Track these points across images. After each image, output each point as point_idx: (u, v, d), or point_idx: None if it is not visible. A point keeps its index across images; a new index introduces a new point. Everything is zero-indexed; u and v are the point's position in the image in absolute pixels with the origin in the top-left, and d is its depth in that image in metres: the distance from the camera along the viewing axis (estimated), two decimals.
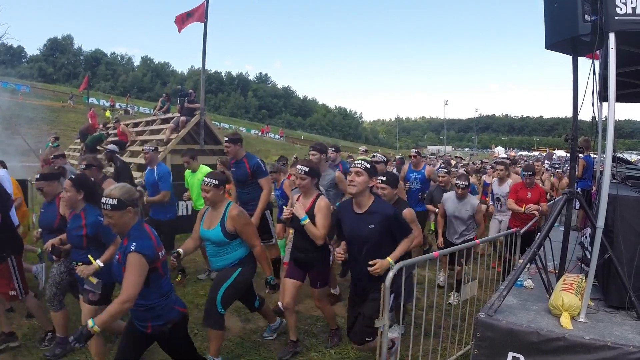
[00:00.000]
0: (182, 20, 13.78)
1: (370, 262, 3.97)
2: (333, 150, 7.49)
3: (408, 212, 4.97)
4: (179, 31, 14.02)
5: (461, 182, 6.53)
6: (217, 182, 4.48)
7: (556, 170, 11.04)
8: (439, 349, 4.65)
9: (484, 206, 8.16)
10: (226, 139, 6.60)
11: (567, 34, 3.71)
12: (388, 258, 3.97)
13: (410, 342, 4.33)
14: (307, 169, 4.73)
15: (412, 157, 8.90)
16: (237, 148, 6.55)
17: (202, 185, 4.51)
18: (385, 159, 7.82)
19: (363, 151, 12.66)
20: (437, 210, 7.39)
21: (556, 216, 4.36)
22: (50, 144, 16.11)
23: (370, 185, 4.13)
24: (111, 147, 9.28)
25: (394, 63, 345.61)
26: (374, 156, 7.96)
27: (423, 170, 8.63)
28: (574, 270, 4.54)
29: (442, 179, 7.75)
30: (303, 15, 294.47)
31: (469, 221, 6.63)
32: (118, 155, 9.20)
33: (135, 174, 11.51)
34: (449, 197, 6.80)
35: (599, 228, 3.62)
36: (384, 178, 4.88)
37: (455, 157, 15.60)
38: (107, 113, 24.26)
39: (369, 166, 4.12)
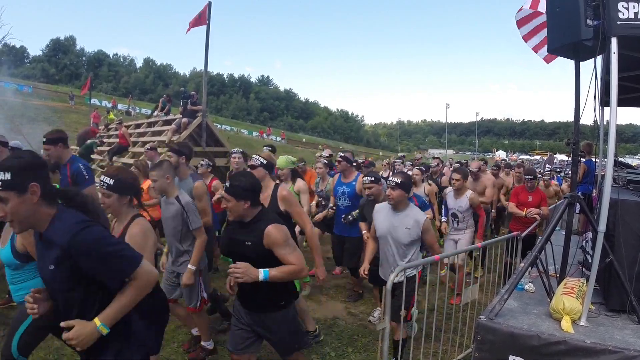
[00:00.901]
0: (195, 23, 13.92)
1: None
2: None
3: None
4: (187, 32, 14.15)
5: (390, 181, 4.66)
6: None
7: (542, 176, 10.67)
8: (439, 352, 4.66)
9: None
10: (44, 139, 5.32)
11: (569, 38, 3.71)
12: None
13: (411, 345, 4.33)
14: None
15: (338, 163, 6.90)
16: (58, 150, 5.32)
17: None
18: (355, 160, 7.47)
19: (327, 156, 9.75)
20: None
21: (557, 220, 4.37)
22: None
23: None
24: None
25: (396, 66, 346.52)
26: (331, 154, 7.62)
27: (354, 183, 6.75)
28: (575, 274, 4.54)
29: (369, 189, 5.63)
30: (303, 17, 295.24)
31: (410, 245, 4.62)
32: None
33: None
34: (381, 208, 4.90)
35: (600, 232, 3.62)
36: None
37: (434, 158, 14.99)
38: (111, 115, 23.96)
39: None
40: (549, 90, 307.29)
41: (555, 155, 47.40)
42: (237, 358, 3.71)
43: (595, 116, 4.30)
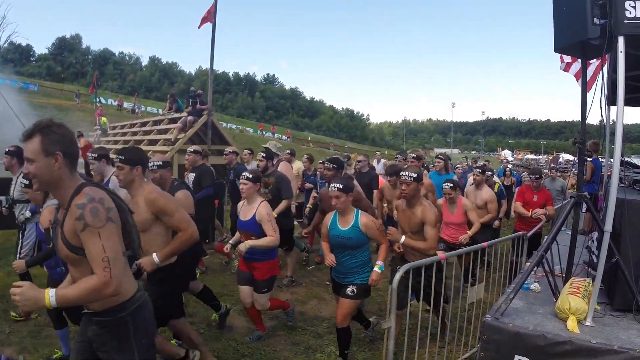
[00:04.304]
0: (205, 20, 14.07)
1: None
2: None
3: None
4: (199, 27, 14.31)
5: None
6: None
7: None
8: (444, 352, 4.65)
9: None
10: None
11: (576, 37, 3.71)
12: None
13: (417, 344, 4.34)
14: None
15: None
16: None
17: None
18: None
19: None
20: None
21: (564, 219, 4.36)
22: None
23: None
24: None
25: (402, 65, 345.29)
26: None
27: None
28: (580, 274, 4.53)
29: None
30: (309, 16, 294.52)
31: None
32: None
33: None
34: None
35: (607, 232, 3.61)
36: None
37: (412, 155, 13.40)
38: (104, 120, 23.18)
39: None
40: (555, 94, 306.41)
41: (559, 155, 47.31)
42: None
43: (601, 115, 4.28)
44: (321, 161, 8.03)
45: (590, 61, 6.31)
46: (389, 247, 4.96)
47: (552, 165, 23.51)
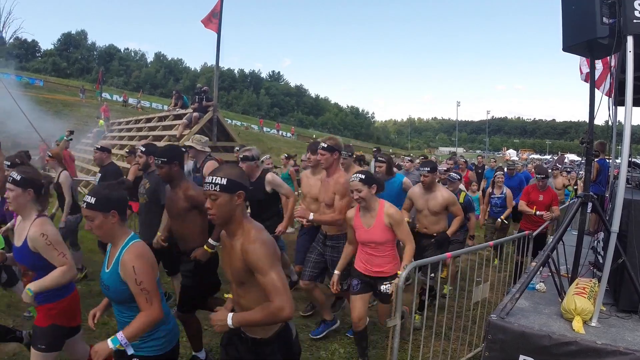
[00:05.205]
0: (209, 20, 14.01)
1: None
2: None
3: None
4: (206, 27, 14.29)
5: None
6: None
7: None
8: (449, 351, 4.65)
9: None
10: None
11: (584, 36, 3.69)
12: None
13: (421, 343, 4.33)
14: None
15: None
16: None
17: None
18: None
19: None
20: None
21: (570, 220, 4.34)
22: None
23: None
24: None
25: (407, 63, 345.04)
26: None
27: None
28: (586, 274, 4.51)
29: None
30: (314, 13, 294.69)
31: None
32: None
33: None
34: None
35: (614, 232, 3.60)
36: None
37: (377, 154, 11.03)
38: (101, 122, 22.99)
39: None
40: (560, 90, 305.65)
41: (565, 155, 47.20)
42: None
43: (609, 116, 4.27)
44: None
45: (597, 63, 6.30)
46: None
47: (557, 165, 23.47)
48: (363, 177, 4.29)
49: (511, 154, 79.62)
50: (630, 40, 3.41)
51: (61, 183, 6.84)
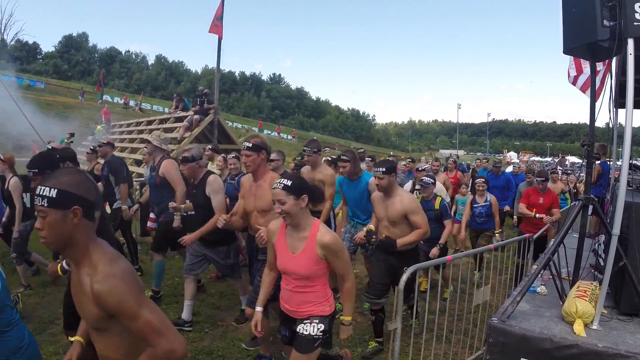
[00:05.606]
0: (214, 24, 14.03)
1: None
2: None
3: None
4: (211, 32, 14.30)
5: None
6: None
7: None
8: (450, 354, 4.64)
9: None
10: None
11: (585, 39, 3.69)
12: None
13: (422, 346, 4.33)
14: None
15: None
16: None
17: None
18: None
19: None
20: None
21: (571, 222, 4.33)
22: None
23: None
24: None
25: (407, 65, 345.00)
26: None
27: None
28: (587, 277, 4.51)
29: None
30: (314, 16, 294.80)
31: None
32: None
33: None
34: None
35: (615, 235, 3.59)
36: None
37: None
38: (99, 128, 22.86)
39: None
40: (561, 92, 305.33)
41: (566, 157, 47.16)
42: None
43: (610, 118, 4.27)
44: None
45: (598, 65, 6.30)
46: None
47: (558, 167, 23.46)
48: (289, 183, 3.21)
49: (512, 156, 79.46)
50: (630, 42, 3.41)
51: (11, 190, 6.37)
